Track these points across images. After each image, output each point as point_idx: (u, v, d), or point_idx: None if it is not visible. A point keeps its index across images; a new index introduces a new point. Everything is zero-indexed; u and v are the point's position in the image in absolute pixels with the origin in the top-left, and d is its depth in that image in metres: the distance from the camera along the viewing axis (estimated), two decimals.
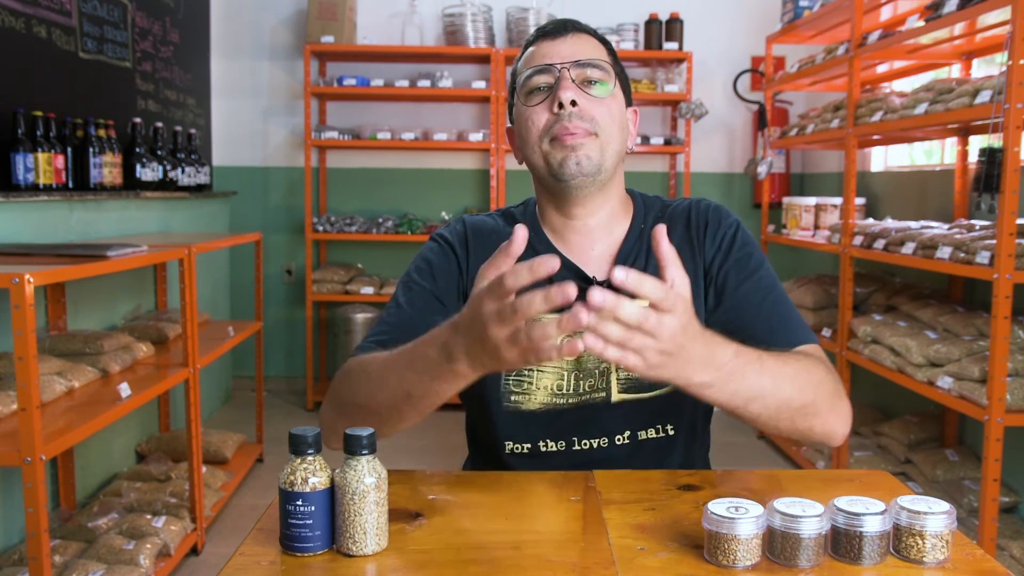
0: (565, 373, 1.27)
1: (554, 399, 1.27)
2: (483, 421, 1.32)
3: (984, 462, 2.45)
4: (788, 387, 1.06)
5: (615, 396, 1.26)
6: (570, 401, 1.27)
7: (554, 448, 1.28)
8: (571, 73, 1.24)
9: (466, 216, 1.38)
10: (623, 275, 0.84)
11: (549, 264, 0.86)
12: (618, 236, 1.31)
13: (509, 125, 1.36)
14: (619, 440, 1.27)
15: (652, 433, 1.28)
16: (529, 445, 1.28)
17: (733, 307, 1.25)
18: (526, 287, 0.87)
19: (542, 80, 1.25)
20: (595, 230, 1.31)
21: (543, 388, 1.27)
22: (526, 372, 1.27)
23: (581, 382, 1.27)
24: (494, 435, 1.30)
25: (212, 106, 4.77)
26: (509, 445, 1.29)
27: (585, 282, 1.26)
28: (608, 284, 1.23)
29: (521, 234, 0.93)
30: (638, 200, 1.36)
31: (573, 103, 1.22)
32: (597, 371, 1.26)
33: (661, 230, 0.96)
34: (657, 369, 0.92)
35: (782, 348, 1.17)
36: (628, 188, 1.37)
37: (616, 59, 1.31)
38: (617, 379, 1.26)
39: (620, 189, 1.34)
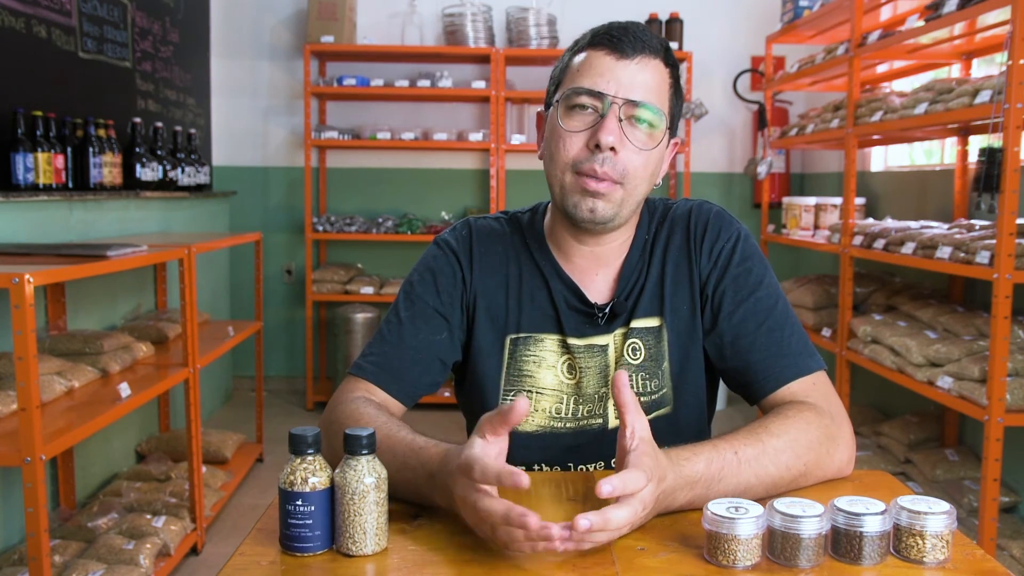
0: (564, 397, 1.26)
1: (552, 422, 1.26)
2: None
3: (984, 462, 2.45)
4: (774, 468, 1.06)
5: (612, 422, 1.25)
6: (567, 425, 1.26)
7: (549, 472, 1.26)
8: (621, 111, 1.15)
9: (471, 219, 1.34)
10: (609, 489, 0.87)
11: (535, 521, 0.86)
12: (622, 255, 1.28)
13: (541, 111, 1.28)
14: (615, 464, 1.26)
15: None
16: (524, 467, 1.26)
17: (728, 333, 1.23)
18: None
19: (588, 102, 1.16)
20: (603, 256, 1.27)
21: (541, 411, 1.26)
22: (524, 393, 1.26)
23: (580, 407, 1.25)
24: None
25: (212, 106, 4.77)
26: None
27: (586, 306, 1.25)
28: (606, 309, 1.25)
29: (522, 406, 0.91)
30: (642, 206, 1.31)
31: (612, 149, 1.15)
32: (596, 396, 1.25)
33: (621, 377, 0.95)
34: (639, 525, 0.96)
35: (778, 385, 1.19)
36: None
37: (677, 82, 1.23)
38: (615, 405, 1.24)
39: (635, 219, 1.28)
